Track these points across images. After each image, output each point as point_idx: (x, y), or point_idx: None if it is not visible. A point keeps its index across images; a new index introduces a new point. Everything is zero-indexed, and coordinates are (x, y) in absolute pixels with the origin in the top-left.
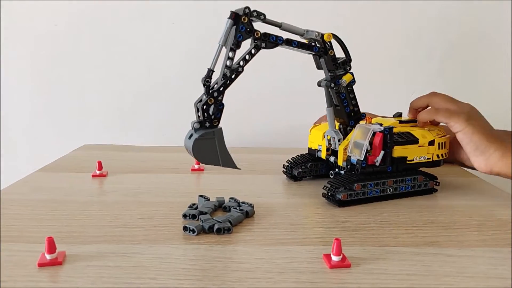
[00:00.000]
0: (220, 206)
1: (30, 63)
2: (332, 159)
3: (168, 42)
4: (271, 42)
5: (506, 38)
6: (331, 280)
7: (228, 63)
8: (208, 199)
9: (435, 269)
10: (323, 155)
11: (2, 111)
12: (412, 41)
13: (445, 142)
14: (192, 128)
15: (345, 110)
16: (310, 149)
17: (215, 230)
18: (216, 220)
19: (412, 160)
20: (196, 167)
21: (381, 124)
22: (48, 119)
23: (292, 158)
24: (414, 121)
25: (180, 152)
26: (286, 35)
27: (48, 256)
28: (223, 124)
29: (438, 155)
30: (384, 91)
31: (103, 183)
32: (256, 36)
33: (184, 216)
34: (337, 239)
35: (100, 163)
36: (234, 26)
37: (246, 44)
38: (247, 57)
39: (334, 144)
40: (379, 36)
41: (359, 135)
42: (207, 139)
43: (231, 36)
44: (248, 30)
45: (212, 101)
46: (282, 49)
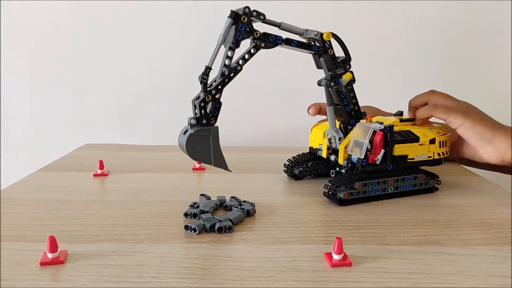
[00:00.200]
0: (221, 205)
1: (30, 63)
2: (333, 158)
3: (168, 41)
4: (271, 41)
5: (506, 38)
6: (332, 278)
7: (226, 62)
8: (209, 198)
9: (436, 267)
10: (324, 154)
11: (2, 111)
12: (412, 40)
13: (446, 141)
14: (188, 124)
15: (345, 109)
16: (311, 148)
17: (216, 229)
18: (217, 219)
19: (413, 158)
20: (197, 166)
21: (381, 123)
22: (49, 118)
23: (293, 157)
24: (415, 119)
25: (181, 151)
26: (285, 35)
27: (49, 255)
28: (224, 123)
29: (439, 154)
30: (384, 90)
31: (104, 182)
32: (256, 36)
33: (186, 215)
34: (338, 238)
35: (101, 162)
36: (234, 25)
37: (245, 44)
38: (246, 56)
39: (335, 143)
40: (379, 36)
41: (359, 133)
42: (202, 136)
43: (230, 35)
44: (247, 30)
45: (210, 98)
46: (282, 48)
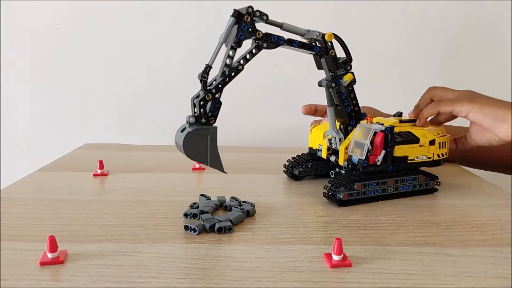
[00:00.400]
0: (221, 205)
1: (30, 62)
2: (333, 158)
3: (169, 41)
4: (273, 42)
5: (506, 38)
6: (332, 279)
7: (228, 61)
8: (209, 198)
9: (436, 268)
10: (323, 155)
11: (3, 111)
12: (412, 40)
13: (445, 142)
14: (187, 122)
15: (345, 109)
16: (311, 148)
17: (216, 229)
18: (217, 219)
19: (413, 159)
20: (197, 166)
21: (382, 124)
22: (48, 118)
23: (292, 158)
24: (415, 120)
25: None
26: (287, 35)
27: (49, 255)
28: (224, 122)
29: (439, 155)
30: (384, 90)
31: (104, 182)
32: (258, 36)
33: (185, 215)
34: (338, 239)
35: (101, 162)
36: (236, 25)
37: (246, 44)
38: (247, 56)
39: (335, 143)
40: (379, 36)
41: (360, 134)
42: (200, 135)
43: (232, 34)
44: (250, 30)
45: (210, 97)
46: (284, 48)
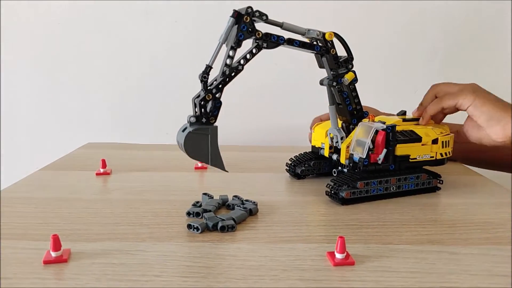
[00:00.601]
0: (223, 204)
1: (33, 61)
2: (334, 157)
3: (172, 40)
4: (273, 42)
5: (507, 38)
6: (335, 277)
7: (228, 61)
8: (212, 197)
9: (439, 267)
10: (326, 153)
11: (5, 110)
12: (415, 39)
13: (449, 141)
14: (188, 122)
15: (347, 108)
16: (314, 147)
17: (219, 228)
18: (220, 218)
19: (415, 158)
20: (199, 165)
21: (384, 123)
22: (51, 117)
23: (295, 156)
24: (418, 119)
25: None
26: (287, 35)
27: (53, 254)
28: (226, 121)
29: (442, 154)
30: (386, 89)
31: (107, 181)
32: (258, 36)
33: (188, 214)
34: (341, 237)
35: (104, 161)
36: (236, 25)
37: (247, 44)
38: (248, 56)
39: (337, 142)
40: (381, 35)
41: (361, 133)
42: (201, 134)
43: (232, 35)
44: (249, 30)
45: (210, 97)
46: (285, 48)
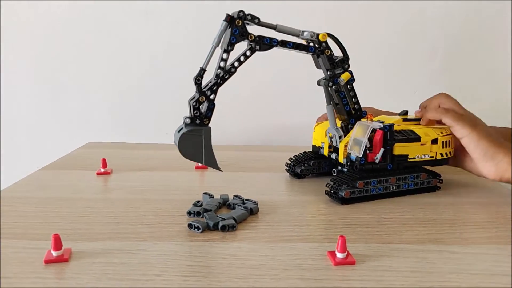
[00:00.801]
0: (224, 204)
1: (33, 61)
2: (333, 156)
3: (172, 40)
4: (266, 44)
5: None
6: (335, 277)
7: (221, 64)
8: (213, 197)
9: (439, 266)
10: (325, 152)
11: (6, 110)
12: (414, 39)
13: (449, 141)
14: (183, 123)
15: (344, 108)
16: (314, 146)
17: (219, 227)
18: (221, 217)
19: (414, 158)
20: (200, 165)
21: (382, 122)
22: (52, 117)
23: (294, 156)
24: (419, 119)
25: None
26: (282, 37)
27: (54, 253)
28: (225, 121)
29: (442, 154)
30: (386, 89)
31: (107, 180)
32: (251, 39)
33: (189, 213)
34: (341, 236)
35: (104, 161)
36: (229, 29)
37: (241, 46)
38: (241, 58)
39: (335, 141)
40: (380, 35)
41: (359, 132)
42: (195, 136)
43: (225, 38)
44: (241, 33)
45: (204, 99)
46: (282, 49)
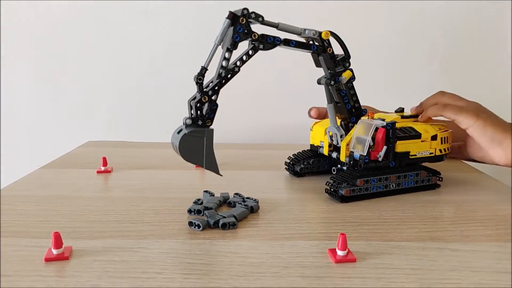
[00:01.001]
0: (225, 202)
1: (33, 60)
2: (334, 155)
3: (172, 40)
4: (269, 43)
5: (507, 38)
6: (336, 274)
7: (224, 63)
8: (213, 195)
9: (440, 263)
10: (325, 151)
11: (6, 108)
12: (415, 39)
13: (447, 137)
14: (184, 124)
15: (346, 106)
16: (312, 145)
17: (220, 225)
18: (221, 215)
19: (415, 155)
20: None
21: (383, 120)
22: (52, 115)
23: (294, 154)
24: (417, 116)
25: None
26: (284, 35)
27: (54, 251)
28: (225, 119)
29: (441, 150)
30: (386, 89)
31: (108, 179)
32: (254, 38)
33: (189, 211)
34: (342, 234)
35: (105, 159)
36: (232, 27)
37: (243, 45)
38: (244, 57)
39: (336, 140)
40: (380, 35)
41: (361, 130)
42: (196, 137)
43: (228, 36)
44: (245, 32)
45: (206, 99)
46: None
